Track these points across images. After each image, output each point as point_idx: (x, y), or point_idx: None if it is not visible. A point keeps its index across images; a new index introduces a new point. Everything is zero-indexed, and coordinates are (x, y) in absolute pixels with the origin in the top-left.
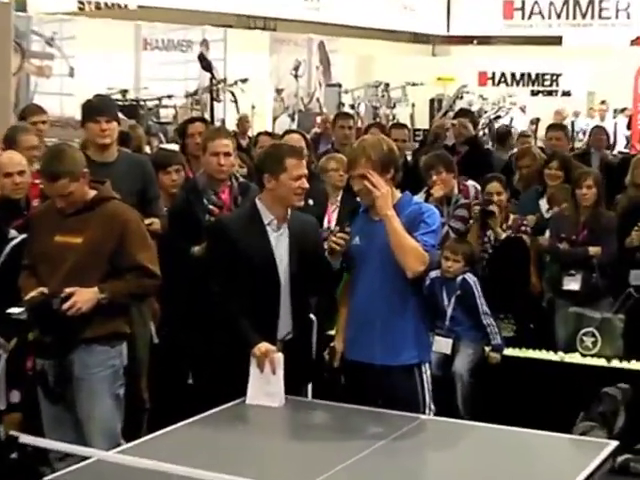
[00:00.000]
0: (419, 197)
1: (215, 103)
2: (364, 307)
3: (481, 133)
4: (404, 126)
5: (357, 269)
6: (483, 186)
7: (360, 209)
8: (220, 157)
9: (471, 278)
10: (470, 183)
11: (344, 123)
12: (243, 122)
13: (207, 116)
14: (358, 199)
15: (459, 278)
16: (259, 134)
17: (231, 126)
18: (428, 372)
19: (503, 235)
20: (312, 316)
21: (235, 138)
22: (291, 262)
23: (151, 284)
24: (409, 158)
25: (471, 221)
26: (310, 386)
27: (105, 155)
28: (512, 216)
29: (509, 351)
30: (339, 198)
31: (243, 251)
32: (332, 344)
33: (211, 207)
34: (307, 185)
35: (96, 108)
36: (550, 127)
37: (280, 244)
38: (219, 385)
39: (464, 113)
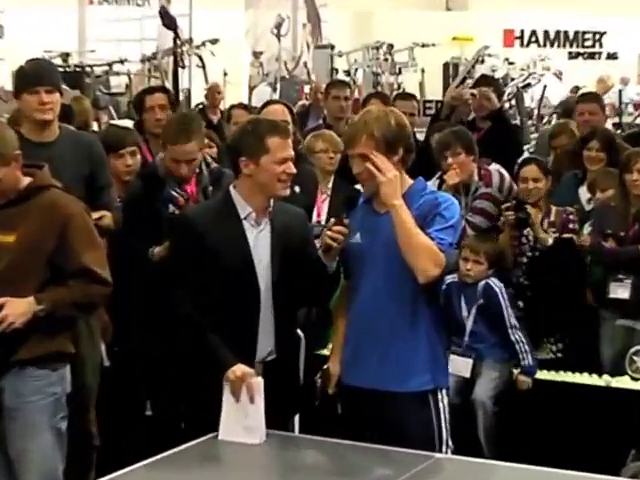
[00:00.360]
0: (431, 185)
1: (179, 70)
2: (365, 320)
3: (507, 105)
4: (412, 97)
5: (357, 273)
6: (517, 171)
7: (360, 199)
8: (181, 165)
9: (496, 284)
10: (494, 167)
11: (338, 93)
12: (213, 92)
13: (169, 86)
14: (358, 186)
15: (481, 284)
16: (232, 107)
17: (198, 98)
18: (445, 400)
19: (550, 240)
20: (299, 332)
21: (203, 113)
22: (273, 265)
23: (100, 292)
24: (419, 136)
25: (501, 218)
26: (297, 418)
27: (44, 134)
28: (554, 208)
29: (542, 374)
30: (330, 185)
31: (213, 252)
32: (326, 366)
33: (175, 194)
34: (294, 169)
35: (34, 75)
36: (581, 98)
37: (260, 243)
38: (184, 417)
39: (486, 81)
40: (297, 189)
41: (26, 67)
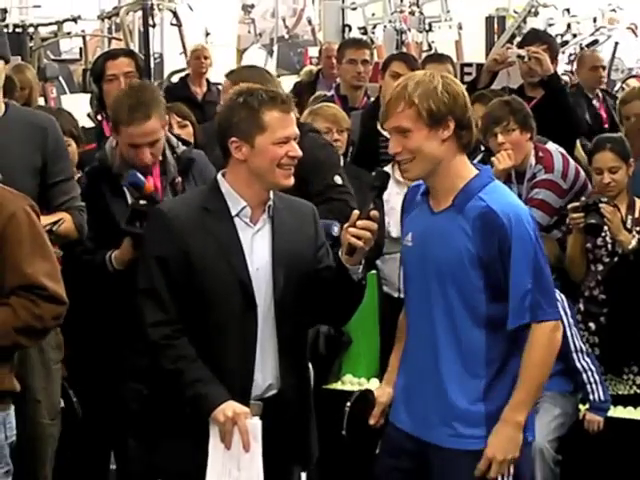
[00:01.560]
0: None
1: (149, 29)
2: (414, 348)
3: (568, 69)
4: (446, 59)
5: (407, 286)
6: (590, 157)
7: (420, 185)
8: (142, 150)
9: (557, 295)
10: (553, 148)
11: (355, 55)
12: (198, 58)
13: (135, 49)
14: (397, 174)
15: None
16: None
17: (173, 65)
18: (511, 470)
19: (633, 242)
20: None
21: (186, 85)
22: (275, 275)
23: (52, 312)
24: None
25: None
26: (304, 475)
27: None
28: (638, 201)
29: (617, 411)
30: None
31: (197, 258)
32: (374, 389)
33: (135, 180)
34: (298, 152)
35: None
36: None
37: (257, 247)
38: (159, 471)
39: (538, 38)
40: (338, 180)
41: None
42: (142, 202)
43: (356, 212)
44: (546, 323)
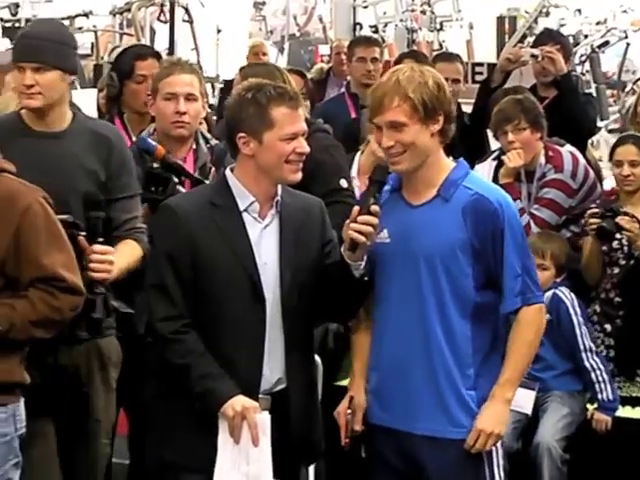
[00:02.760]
0: (481, 170)
1: (159, 25)
2: (393, 342)
3: (579, 70)
4: (456, 58)
5: (383, 281)
6: (612, 151)
7: (388, 184)
8: (179, 101)
9: (566, 295)
10: (567, 149)
11: (365, 53)
12: (257, 54)
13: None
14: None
15: (547, 294)
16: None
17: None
18: (499, 451)
19: None
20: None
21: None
22: (283, 270)
23: (70, 304)
24: (466, 108)
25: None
26: (312, 468)
27: (46, 121)
28: None
29: (625, 411)
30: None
31: (205, 253)
32: (350, 394)
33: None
34: (306, 147)
35: (22, 46)
36: None
37: (265, 242)
38: (166, 466)
39: (552, 38)
40: (344, 183)
41: (23, 30)
42: (155, 165)
43: (357, 208)
44: (535, 305)
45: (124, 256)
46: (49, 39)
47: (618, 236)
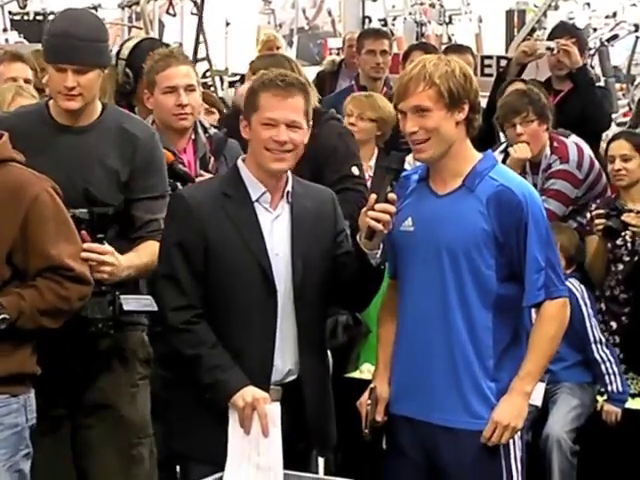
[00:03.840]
0: None
1: (167, 18)
2: (416, 333)
3: (588, 62)
4: (467, 49)
5: (407, 271)
6: (606, 148)
7: (412, 173)
8: (180, 94)
9: (576, 287)
10: (571, 140)
11: (374, 46)
12: (271, 49)
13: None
14: (410, 157)
15: None
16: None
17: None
18: (518, 443)
19: None
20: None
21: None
22: (294, 260)
23: (78, 293)
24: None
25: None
26: (322, 461)
27: (73, 116)
28: None
29: (635, 402)
30: (372, 163)
31: (217, 243)
32: (373, 385)
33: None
34: (284, 137)
35: (59, 46)
36: None
37: (277, 232)
38: (179, 457)
39: (567, 31)
40: (356, 171)
41: (56, 26)
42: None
43: (374, 195)
44: (558, 299)
45: (141, 255)
46: (88, 38)
47: (622, 233)
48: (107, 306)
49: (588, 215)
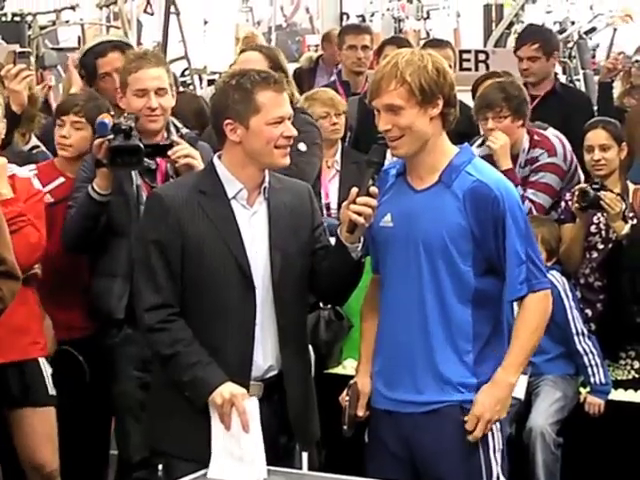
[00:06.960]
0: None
1: (145, 17)
2: (398, 326)
3: (567, 54)
4: (446, 44)
5: (387, 265)
6: (582, 136)
7: (390, 168)
8: (150, 97)
9: (557, 279)
10: (551, 133)
11: (356, 41)
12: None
13: (133, 40)
14: (389, 154)
15: None
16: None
17: (171, 54)
18: (498, 434)
19: (626, 228)
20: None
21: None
22: (273, 257)
23: (11, 290)
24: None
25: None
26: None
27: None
28: (632, 187)
29: (618, 394)
30: (337, 158)
31: (194, 241)
32: (353, 381)
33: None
34: (293, 131)
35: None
36: None
37: (254, 229)
38: (162, 455)
39: (533, 35)
40: (302, 146)
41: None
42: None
43: (355, 189)
44: (540, 292)
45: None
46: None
47: (596, 220)
48: None
49: (562, 204)
